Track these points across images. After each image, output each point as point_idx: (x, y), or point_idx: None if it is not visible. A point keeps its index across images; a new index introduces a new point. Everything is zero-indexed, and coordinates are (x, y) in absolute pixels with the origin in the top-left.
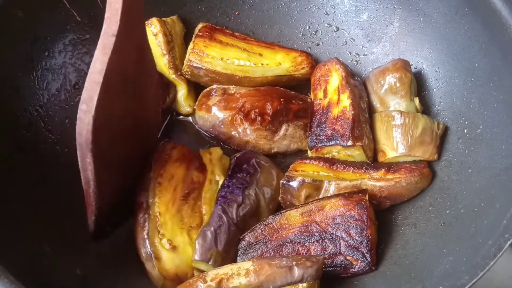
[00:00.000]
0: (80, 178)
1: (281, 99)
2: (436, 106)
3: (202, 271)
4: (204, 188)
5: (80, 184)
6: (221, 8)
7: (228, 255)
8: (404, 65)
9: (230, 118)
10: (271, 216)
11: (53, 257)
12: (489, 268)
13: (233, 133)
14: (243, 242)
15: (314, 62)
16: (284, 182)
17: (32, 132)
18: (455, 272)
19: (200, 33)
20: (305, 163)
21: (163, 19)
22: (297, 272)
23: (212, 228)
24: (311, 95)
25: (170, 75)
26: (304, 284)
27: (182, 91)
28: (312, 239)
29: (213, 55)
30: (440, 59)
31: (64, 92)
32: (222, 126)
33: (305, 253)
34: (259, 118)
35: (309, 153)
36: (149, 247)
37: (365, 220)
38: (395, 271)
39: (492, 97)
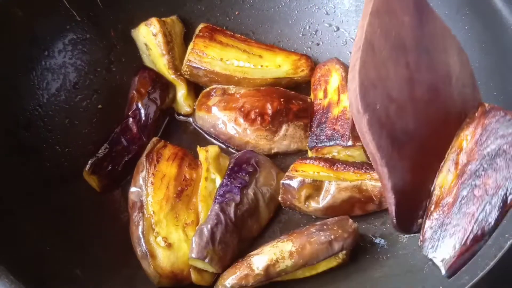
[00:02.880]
0: (80, 178)
1: (281, 99)
2: None
3: (199, 269)
4: (200, 185)
5: (80, 184)
6: (221, 7)
7: (225, 254)
8: None
9: (230, 118)
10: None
11: (53, 257)
12: (490, 268)
13: (233, 133)
14: (425, 241)
15: (314, 65)
16: (284, 182)
17: (32, 132)
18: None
19: (201, 33)
20: (306, 163)
21: (162, 19)
22: (336, 246)
23: (209, 226)
24: (311, 95)
25: (170, 75)
26: (344, 251)
27: (181, 91)
28: (480, 175)
29: (213, 56)
30: None
31: (64, 92)
32: (222, 126)
33: (488, 188)
34: (259, 118)
35: (309, 153)
36: (144, 245)
37: (504, 114)
38: (395, 270)
39: (493, 96)
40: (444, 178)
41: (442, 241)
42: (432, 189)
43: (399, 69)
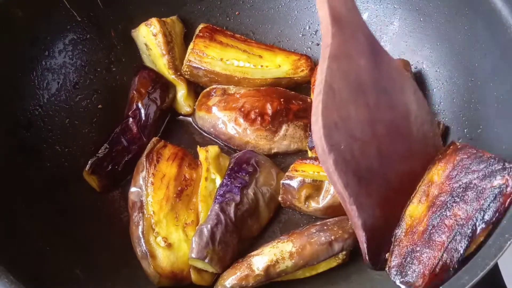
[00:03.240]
0: (80, 178)
1: (281, 99)
2: (437, 106)
3: (199, 269)
4: (200, 185)
5: (80, 184)
6: (221, 8)
7: (225, 254)
8: (404, 65)
9: (230, 118)
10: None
11: (53, 257)
12: (489, 268)
13: (233, 133)
14: (393, 268)
15: (314, 65)
16: (284, 182)
17: (32, 132)
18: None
19: (201, 34)
20: (306, 163)
21: (162, 19)
22: (337, 246)
23: (209, 226)
24: (311, 95)
25: (170, 75)
26: (344, 252)
27: (181, 91)
28: (451, 206)
29: (213, 56)
30: (440, 59)
31: (64, 92)
32: (222, 126)
33: (459, 219)
34: (259, 118)
35: (309, 153)
36: (144, 245)
37: (476, 151)
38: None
39: (493, 97)
40: (415, 209)
41: (410, 267)
42: (401, 219)
43: (360, 110)
